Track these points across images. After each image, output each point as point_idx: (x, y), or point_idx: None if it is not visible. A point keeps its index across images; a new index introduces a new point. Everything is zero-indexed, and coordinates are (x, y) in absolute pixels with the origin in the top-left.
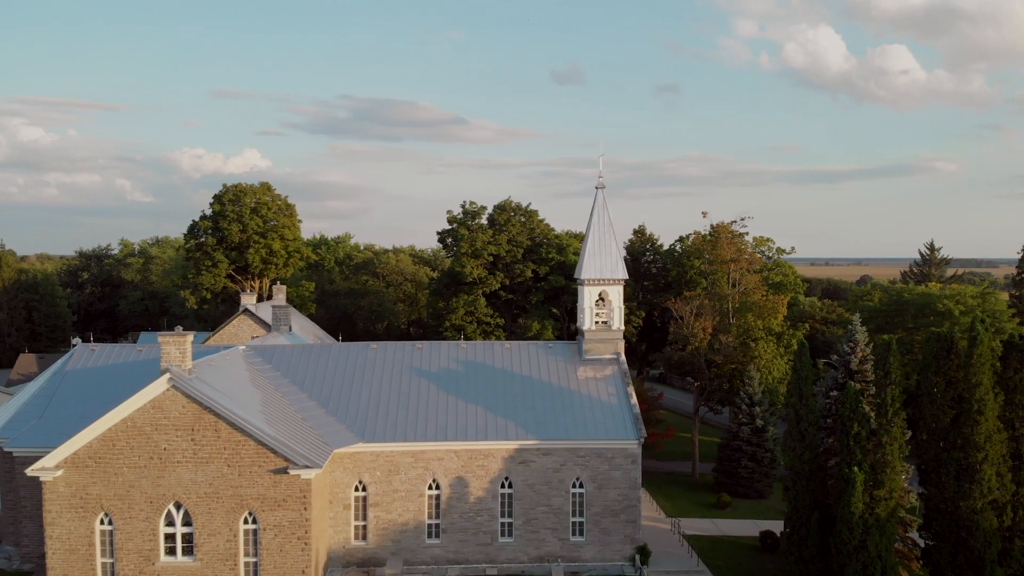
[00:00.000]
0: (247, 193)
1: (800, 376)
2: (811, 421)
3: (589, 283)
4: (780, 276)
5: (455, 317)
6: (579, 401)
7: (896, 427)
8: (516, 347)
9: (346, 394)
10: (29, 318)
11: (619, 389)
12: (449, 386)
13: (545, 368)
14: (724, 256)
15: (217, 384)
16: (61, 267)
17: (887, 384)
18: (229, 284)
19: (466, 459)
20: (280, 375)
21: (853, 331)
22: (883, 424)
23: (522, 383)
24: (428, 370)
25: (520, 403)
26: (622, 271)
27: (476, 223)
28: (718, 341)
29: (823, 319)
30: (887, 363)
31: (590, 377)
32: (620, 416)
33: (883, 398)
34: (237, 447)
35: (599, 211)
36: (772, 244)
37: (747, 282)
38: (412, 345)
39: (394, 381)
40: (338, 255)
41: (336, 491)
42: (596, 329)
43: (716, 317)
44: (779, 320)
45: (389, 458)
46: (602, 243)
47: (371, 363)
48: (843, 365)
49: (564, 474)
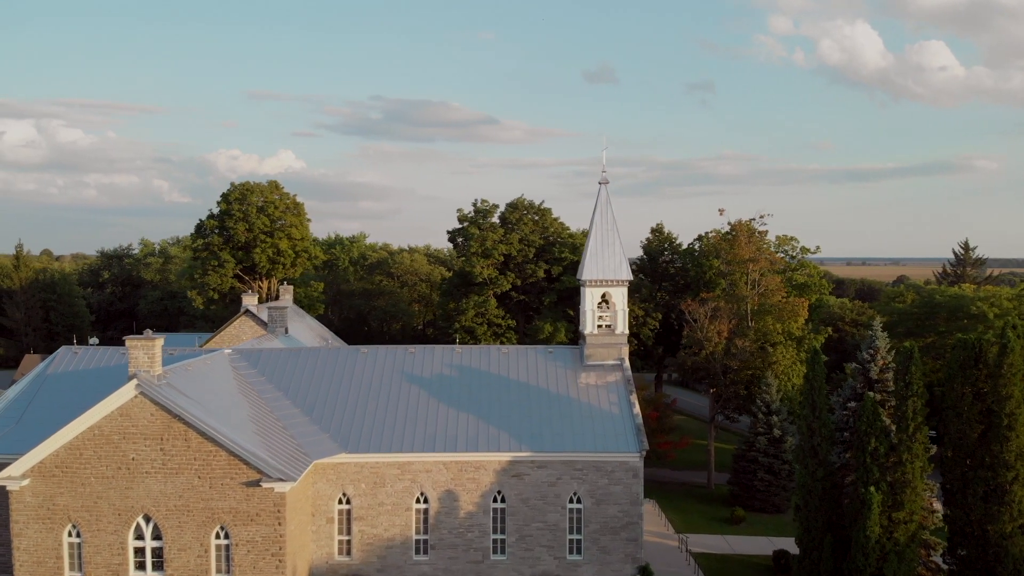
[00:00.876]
0: (254, 192)
1: (813, 386)
2: (824, 435)
3: (591, 284)
4: (804, 276)
5: (465, 318)
6: (578, 410)
7: (918, 443)
8: (514, 352)
9: (332, 401)
10: (46, 318)
11: (621, 397)
12: (441, 393)
13: (544, 374)
14: (742, 256)
15: (191, 391)
16: (83, 267)
17: (908, 395)
18: (237, 284)
19: (456, 471)
20: (265, 380)
21: (873, 337)
22: (904, 439)
23: (518, 390)
24: (420, 376)
25: (515, 412)
26: (626, 272)
27: (488, 222)
28: (734, 345)
29: (852, 321)
30: (908, 372)
31: (591, 384)
32: (621, 426)
33: (904, 411)
34: (208, 458)
35: (602, 208)
36: (796, 243)
37: (767, 283)
38: (404, 349)
39: (383, 387)
40: (352, 255)
41: (319, 503)
42: (599, 333)
43: (733, 320)
44: (799, 323)
45: (374, 469)
46: (605, 242)
47: (360, 368)
48: (862, 374)
49: (560, 488)
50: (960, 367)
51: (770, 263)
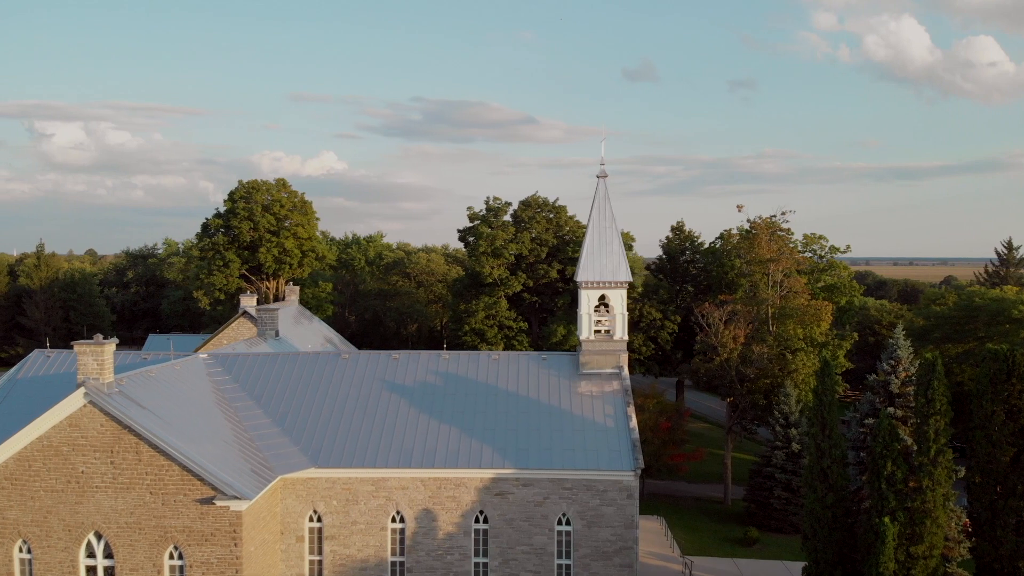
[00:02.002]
0: (259, 190)
1: (822, 401)
2: (836, 456)
3: (587, 286)
4: (834, 277)
5: (475, 320)
6: (570, 423)
7: (941, 468)
8: (505, 358)
9: (305, 410)
10: (66, 317)
11: (618, 409)
12: (423, 403)
13: (535, 383)
14: (762, 255)
15: (148, 399)
16: (108, 267)
17: (930, 413)
18: (244, 285)
19: (434, 489)
20: (238, 387)
21: (895, 345)
22: (924, 463)
23: (506, 401)
24: (402, 384)
25: (501, 424)
26: (624, 272)
27: (499, 221)
28: (751, 352)
29: (890, 324)
30: (931, 387)
31: (586, 394)
32: (616, 441)
33: (925, 431)
34: (160, 473)
35: (600, 204)
36: (824, 242)
37: (791, 284)
38: (388, 355)
39: (361, 396)
40: (369, 255)
41: (288, 521)
42: (596, 339)
43: (750, 325)
44: (823, 328)
45: (346, 485)
46: (603, 240)
47: (340, 375)
48: (882, 387)
49: (548, 508)
50: (990, 381)
51: (795, 263)
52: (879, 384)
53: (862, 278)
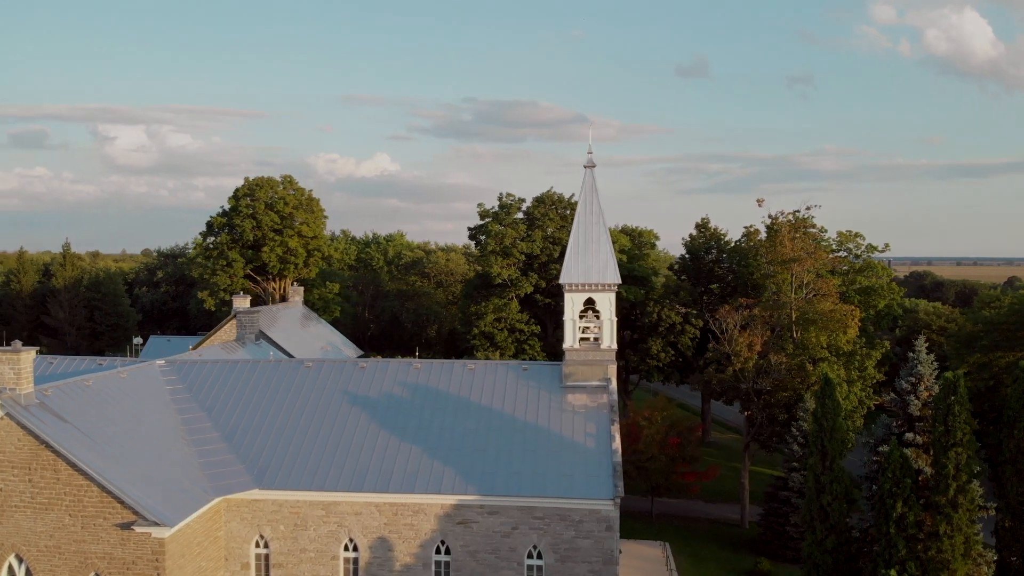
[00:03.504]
0: (262, 187)
1: (821, 427)
2: (836, 493)
3: (572, 289)
4: (871, 279)
5: (483, 323)
6: (545, 442)
7: (963, 510)
8: (482, 369)
9: (257, 424)
10: (91, 317)
11: (601, 428)
12: (384, 418)
13: (512, 397)
14: (784, 255)
15: (75, 412)
16: (140, 266)
17: (949, 445)
18: (250, 285)
19: (390, 515)
20: (191, 397)
21: (915, 360)
22: (942, 504)
23: (477, 417)
24: (365, 396)
25: (468, 443)
26: (612, 274)
27: (510, 218)
28: (767, 361)
29: (940, 329)
30: (951, 413)
31: (567, 410)
32: (596, 465)
33: (944, 466)
34: (79, 493)
35: (587, 197)
36: (861, 240)
37: (819, 287)
38: (354, 364)
39: (319, 409)
40: (388, 254)
41: (233, 546)
42: (581, 348)
43: (767, 331)
44: (850, 336)
45: (295, 509)
46: (589, 238)
47: (299, 385)
48: (900, 408)
49: (516, 540)
50: (1021, 407)
51: (822, 263)
52: (897, 404)
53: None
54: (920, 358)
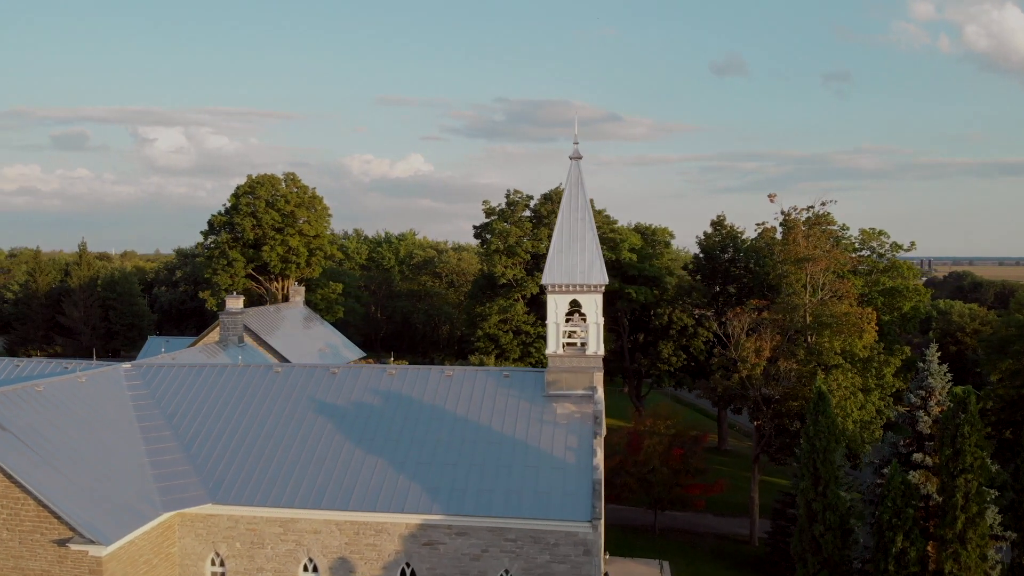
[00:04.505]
0: (263, 185)
1: (814, 447)
2: (831, 523)
3: (555, 291)
4: (897, 279)
5: (488, 325)
6: (522, 457)
7: (972, 546)
8: (460, 375)
9: (217, 433)
10: (106, 317)
11: (583, 441)
12: (351, 429)
13: (489, 407)
14: (797, 253)
15: (18, 419)
16: (160, 266)
17: (958, 471)
18: (252, 285)
19: (351, 534)
20: (153, 404)
21: (925, 371)
22: (949, 539)
23: (451, 428)
24: (332, 404)
25: (438, 458)
26: (599, 274)
27: (516, 216)
28: (775, 368)
29: (974, 332)
30: (959, 434)
31: (548, 421)
32: (574, 484)
33: (951, 495)
34: (16, 507)
35: (571, 191)
36: (885, 238)
37: (837, 288)
38: (325, 370)
39: (283, 418)
40: (399, 254)
41: (187, 564)
42: (565, 354)
43: (776, 336)
44: (866, 341)
45: (251, 526)
46: (573, 235)
47: (265, 392)
48: (909, 424)
49: (486, 564)
50: None
51: (838, 263)
52: (906, 420)
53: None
54: (931, 368)
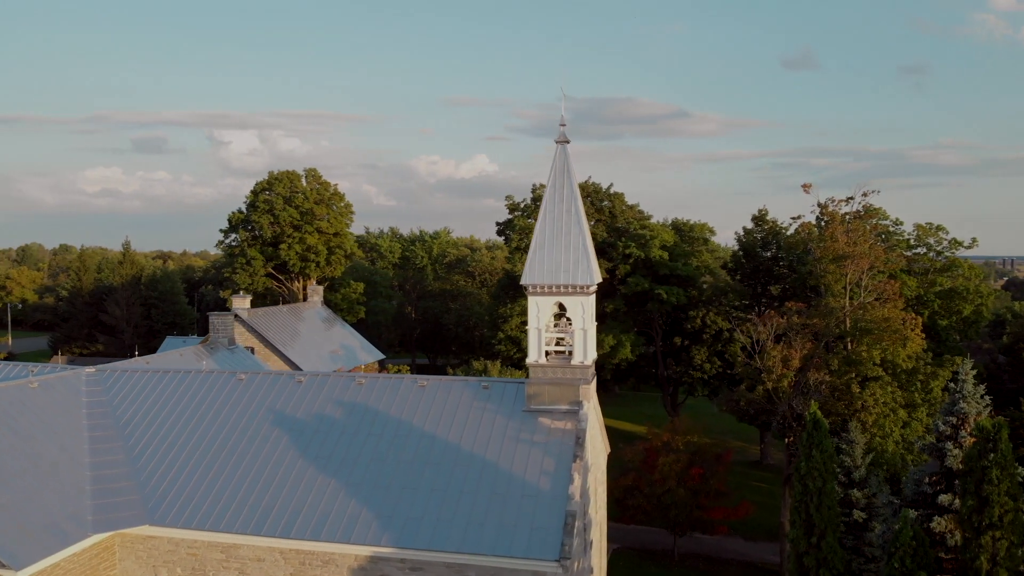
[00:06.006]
0: (281, 181)
1: (807, 488)
2: (835, 568)
3: (536, 291)
4: (959, 279)
5: (509, 326)
6: (490, 483)
7: None
8: (435, 386)
9: (168, 445)
10: (147, 315)
11: (561, 466)
12: (309, 445)
13: (462, 421)
14: (835, 251)
15: None
16: (209, 265)
17: (983, 527)
18: (274, 285)
19: (296, 564)
20: (109, 412)
21: (958, 393)
22: None
23: (416, 446)
24: (292, 416)
25: (398, 480)
26: (585, 273)
27: None
28: (805, 380)
29: None
30: (986, 479)
31: (525, 440)
32: (545, 515)
33: (975, 555)
34: None
35: (556, 179)
36: (943, 235)
37: (882, 289)
38: (291, 377)
39: (237, 431)
40: (432, 252)
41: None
42: (548, 364)
43: (808, 343)
44: (912, 350)
45: (192, 550)
46: (558, 229)
47: (223, 401)
48: (936, 455)
49: None
50: None
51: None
52: (933, 452)
53: None
54: (965, 390)
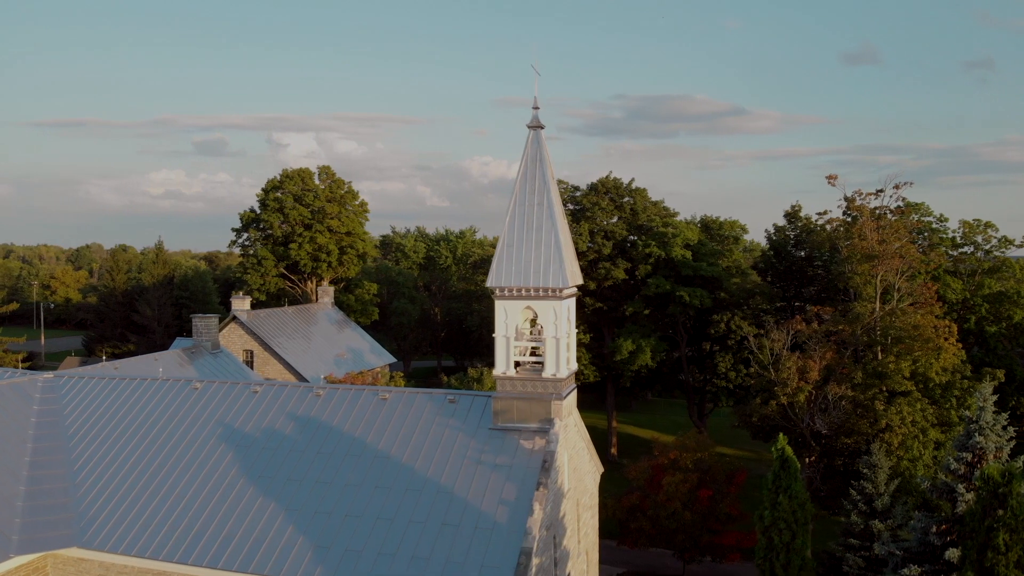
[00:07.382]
0: (292, 179)
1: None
2: None
3: (503, 295)
4: (1010, 282)
5: None
6: (443, 510)
7: None
8: (397, 399)
9: (109, 461)
10: (179, 315)
11: (522, 494)
12: (255, 463)
13: (421, 440)
14: (864, 249)
15: None
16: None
17: None
18: (287, 285)
19: None
20: (58, 421)
21: (974, 425)
22: None
23: (367, 466)
24: (241, 430)
25: (342, 505)
26: (557, 275)
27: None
28: (823, 393)
29: None
30: (991, 544)
31: (486, 463)
32: (499, 552)
33: None
34: None
35: (528, 168)
36: (992, 232)
37: (918, 293)
38: (246, 387)
39: (182, 445)
40: (457, 252)
41: None
42: (518, 376)
43: (829, 353)
44: (946, 362)
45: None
46: (527, 226)
47: (174, 411)
48: (947, 496)
49: None
50: None
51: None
52: (942, 492)
53: None
54: (983, 420)
